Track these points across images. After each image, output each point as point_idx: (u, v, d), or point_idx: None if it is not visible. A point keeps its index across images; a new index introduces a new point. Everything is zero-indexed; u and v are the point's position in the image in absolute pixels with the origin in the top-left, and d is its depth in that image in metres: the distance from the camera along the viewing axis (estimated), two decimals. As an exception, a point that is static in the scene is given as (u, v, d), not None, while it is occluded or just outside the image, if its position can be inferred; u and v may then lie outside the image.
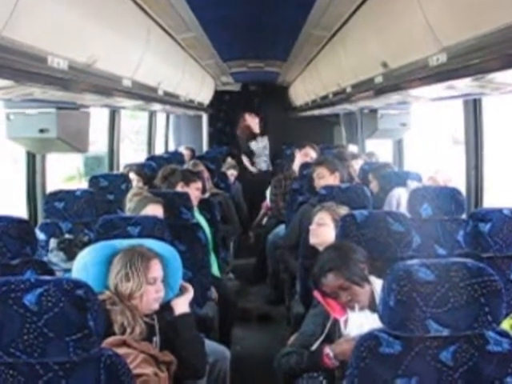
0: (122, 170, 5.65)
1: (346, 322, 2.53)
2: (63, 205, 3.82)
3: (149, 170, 5.76)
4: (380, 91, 3.26)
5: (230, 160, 8.08)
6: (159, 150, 8.58)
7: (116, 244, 2.66)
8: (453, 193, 3.65)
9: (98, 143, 7.65)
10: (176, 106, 5.44)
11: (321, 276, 2.59)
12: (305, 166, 5.52)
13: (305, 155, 5.83)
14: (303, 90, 7.51)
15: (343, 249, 2.64)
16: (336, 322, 2.53)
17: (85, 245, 3.34)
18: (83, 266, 2.58)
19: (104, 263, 2.57)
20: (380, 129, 5.31)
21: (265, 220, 7.23)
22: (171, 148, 9.35)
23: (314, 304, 2.73)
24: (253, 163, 9.09)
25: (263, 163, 9.19)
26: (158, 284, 2.53)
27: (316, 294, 2.64)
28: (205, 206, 4.61)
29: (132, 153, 10.81)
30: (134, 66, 3.29)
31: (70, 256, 3.52)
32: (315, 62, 5.58)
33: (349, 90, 4.18)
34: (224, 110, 10.06)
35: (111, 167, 6.11)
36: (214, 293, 4.02)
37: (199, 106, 7.60)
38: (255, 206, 8.05)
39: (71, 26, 2.31)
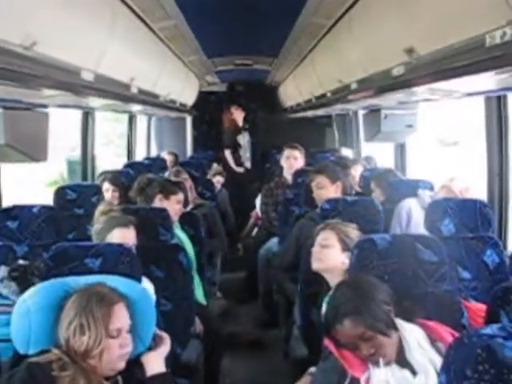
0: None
1: (367, 381, 1.96)
2: (17, 224, 3.22)
3: (126, 178, 5.19)
4: (400, 85, 2.70)
5: (215, 166, 7.50)
6: (141, 155, 8.03)
7: (70, 282, 2.06)
8: (478, 206, 3.14)
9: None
10: (155, 106, 4.81)
11: (335, 322, 2.01)
12: (299, 172, 4.98)
13: (287, 158, 5.38)
14: (295, 89, 6.93)
15: (363, 286, 2.06)
16: (355, 382, 1.95)
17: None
18: (25, 311, 1.99)
19: (52, 309, 1.98)
20: (383, 131, 4.74)
21: (255, 231, 6.65)
22: (154, 153, 8.79)
23: (324, 355, 2.14)
24: (240, 158, 8.59)
25: (247, 160, 8.77)
26: (124, 336, 1.94)
27: (328, 343, 2.07)
28: (187, 220, 4.03)
29: (115, 158, 10.30)
30: (96, 55, 2.68)
31: (24, 287, 2.88)
32: (311, 57, 4.98)
33: (354, 86, 3.60)
34: (209, 112, 9.51)
35: (84, 176, 5.54)
36: (198, 325, 3.44)
37: (182, 108, 7.00)
38: (243, 214, 7.52)
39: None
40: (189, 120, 9.43)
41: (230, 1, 3.63)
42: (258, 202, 6.23)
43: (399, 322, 2.05)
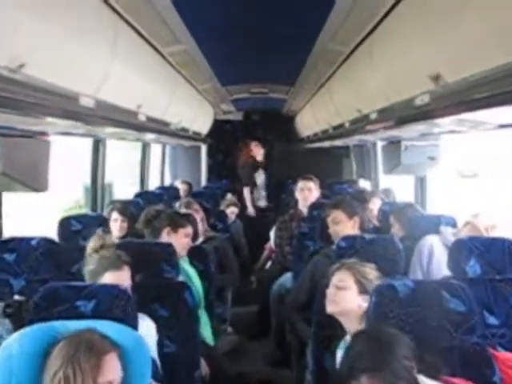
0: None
1: None
2: (15, 256, 3.04)
3: (136, 208, 5.02)
4: (424, 115, 2.50)
5: (230, 196, 7.32)
6: (155, 184, 7.91)
7: (58, 327, 1.87)
8: (507, 245, 2.89)
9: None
10: (165, 134, 4.65)
11: (350, 378, 1.80)
12: (315, 205, 4.79)
13: (301, 190, 5.21)
14: (312, 118, 6.75)
15: (382, 339, 1.85)
16: None
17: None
18: (7, 357, 1.79)
19: (37, 355, 1.80)
20: (403, 163, 4.52)
21: (268, 264, 6.43)
22: (168, 182, 8.64)
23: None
24: (255, 200, 8.28)
25: (262, 199, 8.50)
26: (114, 391, 1.74)
27: (342, 400, 1.85)
28: (196, 255, 3.84)
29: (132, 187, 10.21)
30: (96, 79, 2.52)
31: (19, 325, 2.69)
32: (328, 86, 4.81)
33: (373, 116, 3.41)
34: (224, 141, 9.34)
35: (94, 206, 5.39)
36: (204, 367, 3.22)
37: (196, 136, 6.83)
38: (257, 245, 7.30)
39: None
40: (204, 149, 9.27)
41: (243, 26, 3.46)
42: (272, 234, 6.02)
43: (422, 380, 1.83)
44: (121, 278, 2.61)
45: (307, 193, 5.20)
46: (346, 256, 2.94)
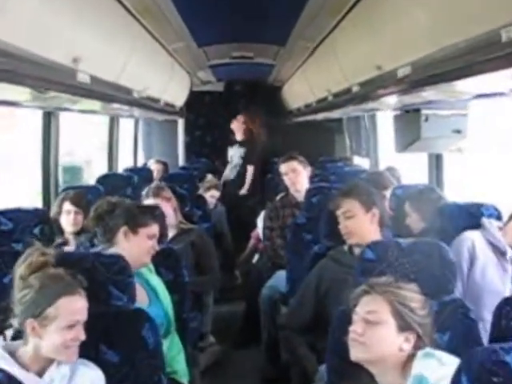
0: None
1: None
2: None
3: (95, 196, 4.09)
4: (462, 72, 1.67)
5: (210, 177, 6.33)
6: (128, 164, 7.04)
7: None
8: None
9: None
10: (123, 103, 3.66)
11: None
12: (313, 191, 3.91)
13: (285, 175, 4.43)
14: (305, 86, 5.80)
15: None
16: None
17: None
18: None
19: None
20: (424, 137, 3.61)
21: (255, 257, 5.56)
22: (141, 161, 7.73)
23: None
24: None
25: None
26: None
27: None
28: (164, 260, 2.93)
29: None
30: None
31: None
32: (331, 40, 3.83)
33: (404, 72, 2.47)
34: (204, 115, 8.51)
35: (46, 197, 4.44)
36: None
37: (169, 109, 5.85)
38: (242, 234, 6.46)
39: None
40: (181, 124, 8.39)
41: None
42: (259, 220, 5.19)
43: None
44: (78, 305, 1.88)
45: (293, 175, 4.39)
46: (374, 272, 2.05)
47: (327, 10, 3.34)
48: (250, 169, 7.39)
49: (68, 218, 3.79)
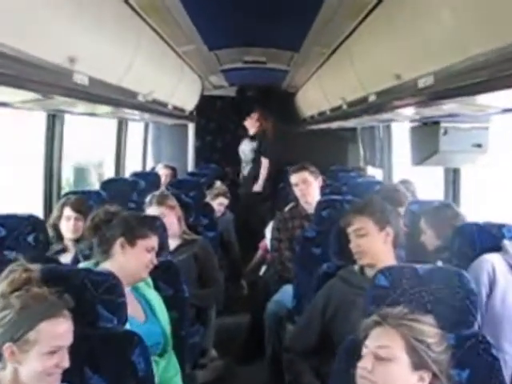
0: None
1: None
2: None
3: (97, 202, 3.96)
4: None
5: (219, 184, 6.18)
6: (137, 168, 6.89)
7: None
8: None
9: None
10: (124, 107, 3.48)
11: None
12: (323, 204, 3.75)
13: (296, 186, 4.24)
14: (319, 93, 5.60)
15: None
16: None
17: None
18: None
19: None
20: (442, 151, 3.43)
21: (263, 269, 5.38)
22: (151, 165, 7.58)
23: None
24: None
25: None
26: None
27: None
28: (163, 274, 2.79)
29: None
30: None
31: None
32: (347, 46, 3.64)
33: (426, 82, 2.27)
34: (214, 120, 8.36)
35: (48, 196, 4.32)
36: None
37: (178, 113, 5.69)
38: (250, 243, 6.28)
39: None
40: (191, 128, 8.24)
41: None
42: (268, 231, 5.00)
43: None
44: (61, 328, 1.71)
45: (304, 187, 4.21)
46: (387, 301, 1.87)
47: (344, 14, 3.16)
48: (265, 162, 7.17)
49: (68, 224, 3.65)
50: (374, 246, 2.58)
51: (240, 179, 7.53)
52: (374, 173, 6.96)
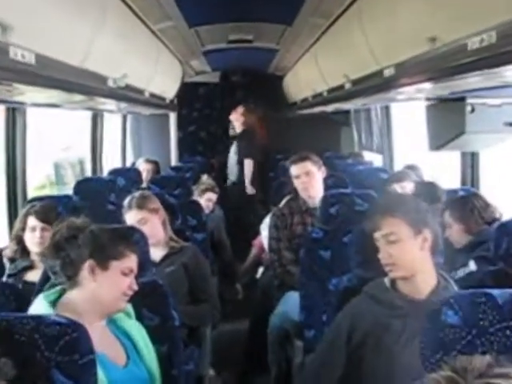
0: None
1: None
2: None
3: (66, 209, 3.45)
4: None
5: (205, 178, 5.75)
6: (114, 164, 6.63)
7: None
8: None
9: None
10: (97, 95, 2.93)
11: None
12: (330, 198, 3.24)
13: (297, 178, 3.75)
14: (313, 74, 5.12)
15: None
16: None
17: None
18: None
19: None
20: (469, 131, 2.93)
21: (260, 270, 4.93)
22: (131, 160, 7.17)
23: None
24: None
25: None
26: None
27: None
28: (147, 298, 2.24)
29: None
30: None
31: None
32: (353, 14, 3.09)
33: (471, 45, 1.75)
34: (198, 109, 8.13)
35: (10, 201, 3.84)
36: None
37: (157, 101, 5.17)
38: (243, 241, 5.94)
39: None
40: (173, 118, 7.86)
41: None
42: (263, 227, 4.60)
43: None
44: None
45: (307, 179, 3.71)
46: (458, 346, 1.34)
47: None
48: (248, 163, 6.80)
49: (33, 236, 3.14)
50: (409, 255, 2.06)
51: (228, 184, 7.17)
52: (372, 158, 6.58)
